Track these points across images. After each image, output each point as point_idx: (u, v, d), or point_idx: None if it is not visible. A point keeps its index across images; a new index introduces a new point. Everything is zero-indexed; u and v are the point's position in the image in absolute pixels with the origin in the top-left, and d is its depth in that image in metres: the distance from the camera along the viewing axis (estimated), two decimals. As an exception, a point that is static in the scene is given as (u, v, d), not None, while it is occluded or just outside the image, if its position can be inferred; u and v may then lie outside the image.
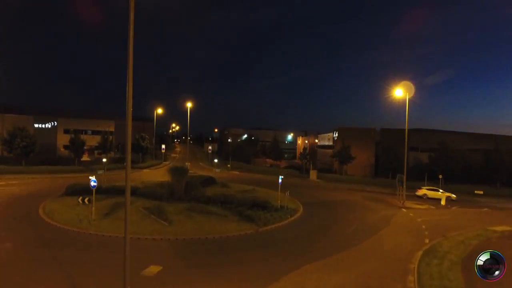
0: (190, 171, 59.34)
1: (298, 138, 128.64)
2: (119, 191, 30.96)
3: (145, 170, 59.26)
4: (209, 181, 40.94)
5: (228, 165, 65.47)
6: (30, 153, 48.85)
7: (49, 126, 61.85)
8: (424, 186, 45.84)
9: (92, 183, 23.61)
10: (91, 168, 53.30)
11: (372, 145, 61.69)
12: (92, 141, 64.76)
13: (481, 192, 42.15)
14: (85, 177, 45.46)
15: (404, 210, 31.94)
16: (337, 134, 64.89)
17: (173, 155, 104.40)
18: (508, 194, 45.26)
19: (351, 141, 60.02)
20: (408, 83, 33.36)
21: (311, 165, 61.28)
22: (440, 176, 44.76)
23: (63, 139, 63.58)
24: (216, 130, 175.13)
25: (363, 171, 60.15)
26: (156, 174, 53.79)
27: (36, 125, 60.35)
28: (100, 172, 36.58)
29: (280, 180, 30.33)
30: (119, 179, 42.22)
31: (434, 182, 47.21)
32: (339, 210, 30.80)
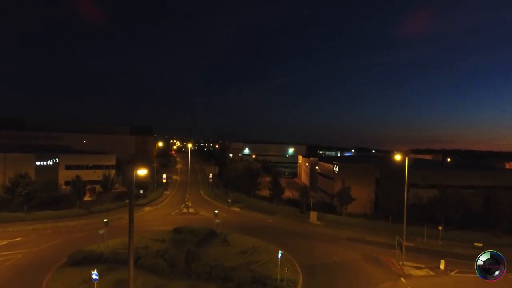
0: (190, 208, 60.13)
1: (299, 157, 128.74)
2: (122, 261, 31.26)
3: (146, 209, 59.44)
4: (210, 235, 41.12)
5: (229, 200, 65.74)
6: (31, 199, 49.28)
7: (51, 163, 62.13)
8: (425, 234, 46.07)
9: (94, 276, 23.95)
10: (92, 211, 53.73)
11: (372, 182, 61.85)
12: (93, 176, 65.08)
13: (481, 245, 42.13)
14: (87, 226, 46.18)
15: (403, 280, 32.05)
16: (337, 169, 65.06)
17: (174, 177, 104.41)
18: (508, 243, 45.25)
19: (351, 179, 60.39)
20: (407, 151, 33.59)
21: (311, 203, 61.46)
22: (440, 228, 45.02)
23: (64, 175, 64.01)
24: (217, 146, 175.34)
25: (363, 208, 60.27)
26: (157, 217, 54.02)
27: (37, 163, 60.54)
28: (101, 232, 36.94)
29: (280, 255, 30.50)
30: (122, 228, 43.13)
31: (434, 229, 47.51)
32: (338, 282, 30.97)
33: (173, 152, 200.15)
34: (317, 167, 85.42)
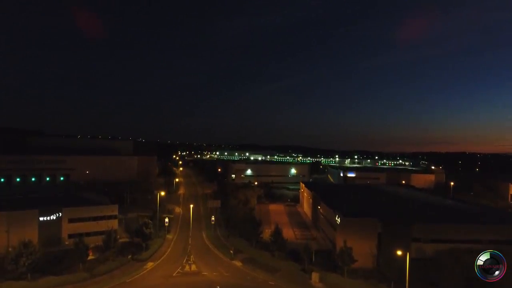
0: (193, 265, 60.22)
1: (301, 185, 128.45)
2: None
3: (149, 265, 59.53)
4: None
5: (231, 251, 65.98)
6: (35, 268, 49.81)
7: (54, 217, 62.64)
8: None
9: None
10: (95, 273, 54.09)
11: (375, 236, 61.82)
12: (96, 226, 65.60)
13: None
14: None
15: None
16: (339, 220, 65.10)
17: (176, 210, 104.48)
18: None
19: (353, 232, 60.77)
20: (407, 249, 33.51)
21: (313, 255, 61.72)
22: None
23: (67, 228, 64.58)
24: (220, 169, 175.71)
25: (365, 262, 60.19)
26: (158, 279, 53.92)
27: (41, 219, 61.07)
28: None
29: None
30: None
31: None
32: None
33: (175, 168, 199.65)
34: (319, 207, 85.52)
